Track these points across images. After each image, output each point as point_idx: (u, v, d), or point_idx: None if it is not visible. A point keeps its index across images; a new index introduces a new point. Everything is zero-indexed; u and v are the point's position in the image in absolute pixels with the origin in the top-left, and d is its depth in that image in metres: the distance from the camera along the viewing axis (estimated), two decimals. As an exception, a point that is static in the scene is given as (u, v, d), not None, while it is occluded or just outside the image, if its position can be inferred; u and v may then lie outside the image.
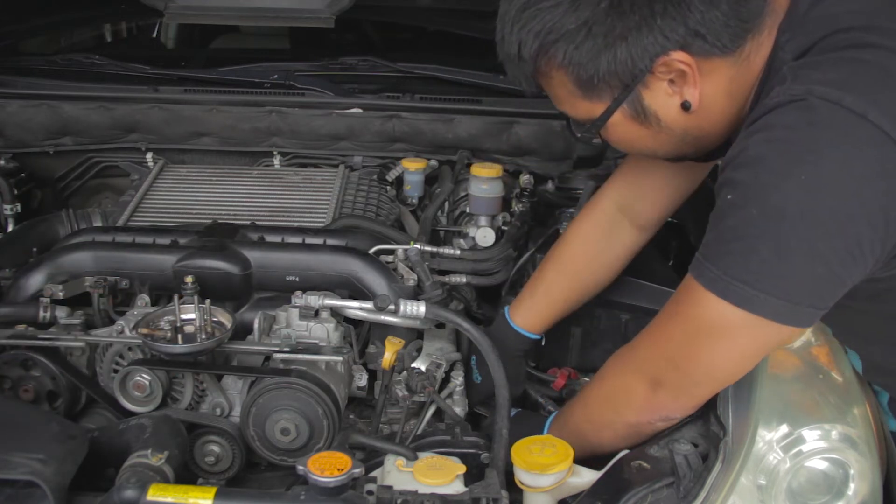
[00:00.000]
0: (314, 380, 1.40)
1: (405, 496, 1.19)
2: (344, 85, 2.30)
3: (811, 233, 1.03)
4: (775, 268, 1.05)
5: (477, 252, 1.82)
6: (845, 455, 1.18)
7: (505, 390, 1.41)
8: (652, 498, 1.18)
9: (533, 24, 1.16)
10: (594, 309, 1.67)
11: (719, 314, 1.10)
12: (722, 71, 1.17)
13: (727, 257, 1.08)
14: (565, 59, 1.16)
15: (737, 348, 1.15)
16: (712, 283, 1.09)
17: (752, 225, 1.05)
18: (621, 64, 1.14)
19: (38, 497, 1.11)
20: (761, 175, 1.05)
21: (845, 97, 1.02)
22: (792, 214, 1.03)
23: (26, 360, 1.45)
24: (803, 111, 1.04)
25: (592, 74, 1.16)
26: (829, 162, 1.02)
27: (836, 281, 1.07)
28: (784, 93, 1.07)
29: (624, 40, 1.12)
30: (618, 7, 1.11)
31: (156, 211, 1.95)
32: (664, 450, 1.23)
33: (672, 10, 1.11)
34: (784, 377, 1.26)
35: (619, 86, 1.17)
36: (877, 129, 1.01)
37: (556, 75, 1.20)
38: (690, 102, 1.17)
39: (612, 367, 1.33)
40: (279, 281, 1.63)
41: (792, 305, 1.07)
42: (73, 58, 2.43)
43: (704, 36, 1.12)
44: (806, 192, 1.02)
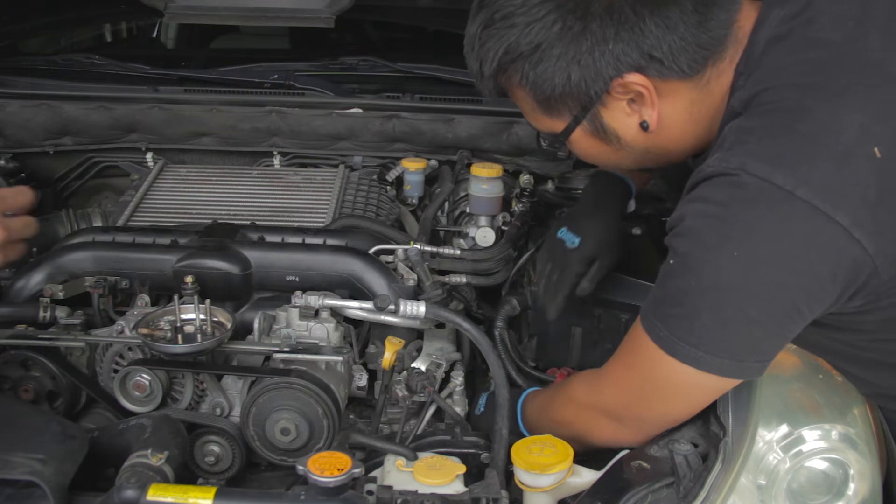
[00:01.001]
0: (314, 380, 1.40)
1: (405, 496, 1.19)
2: (344, 85, 2.30)
3: (745, 303, 1.08)
4: (716, 333, 1.11)
5: (477, 252, 1.82)
6: (845, 455, 1.18)
7: (505, 390, 1.41)
8: (652, 498, 1.18)
9: (492, 43, 1.20)
10: (594, 309, 1.67)
11: (670, 370, 1.15)
12: (681, 93, 1.19)
13: (673, 320, 1.13)
14: (523, 78, 1.20)
15: (690, 399, 1.21)
16: (662, 342, 1.14)
17: (691, 294, 1.10)
18: (576, 86, 1.18)
19: (38, 497, 1.11)
20: (697, 249, 1.10)
21: (775, 174, 1.04)
22: (725, 287, 1.08)
23: (26, 360, 1.46)
24: (735, 188, 1.07)
25: (550, 94, 1.20)
26: (758, 238, 1.06)
27: (776, 339, 1.13)
28: (719, 162, 1.09)
29: (577, 63, 1.16)
30: (570, 30, 1.14)
31: (156, 211, 1.94)
32: (664, 450, 1.23)
33: (625, 35, 1.13)
34: (784, 377, 1.26)
35: (576, 105, 1.21)
36: (806, 204, 1.03)
37: (517, 92, 1.25)
38: (648, 123, 1.20)
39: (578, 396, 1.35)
40: (279, 281, 1.63)
41: (737, 363, 1.12)
42: (73, 58, 2.43)
43: (660, 60, 1.15)
44: (737, 267, 1.06)
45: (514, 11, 1.17)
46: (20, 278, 1.62)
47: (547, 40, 1.16)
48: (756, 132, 1.10)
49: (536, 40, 1.16)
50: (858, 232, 1.04)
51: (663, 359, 1.15)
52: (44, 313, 1.52)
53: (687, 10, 1.14)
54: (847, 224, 1.04)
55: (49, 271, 1.62)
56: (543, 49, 1.16)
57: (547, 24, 1.15)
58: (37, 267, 1.63)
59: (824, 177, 1.05)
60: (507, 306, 1.75)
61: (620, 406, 1.26)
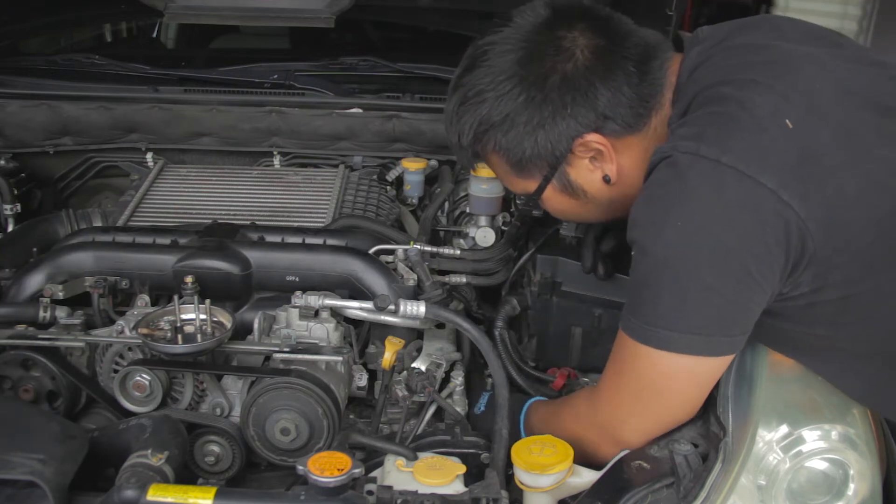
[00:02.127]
0: (314, 380, 1.40)
1: (405, 496, 1.19)
2: (344, 85, 2.30)
3: (698, 271, 1.14)
4: (679, 308, 1.17)
5: (477, 252, 1.82)
6: (845, 455, 1.18)
7: (505, 390, 1.41)
8: (652, 498, 1.18)
9: (467, 117, 1.36)
10: (594, 309, 1.67)
11: (651, 361, 1.20)
12: (635, 145, 1.33)
13: (641, 307, 1.21)
14: (496, 145, 1.36)
15: (678, 392, 1.24)
16: (635, 333, 1.21)
17: (650, 274, 1.18)
18: (543, 148, 1.33)
19: (38, 497, 1.11)
20: (646, 230, 1.19)
21: (700, 147, 1.15)
22: (677, 258, 1.15)
23: (26, 360, 1.46)
24: (670, 167, 1.18)
25: (521, 157, 1.35)
26: (695, 206, 1.15)
27: (737, 308, 1.17)
28: (657, 152, 1.22)
29: (542, 128, 1.31)
30: (533, 100, 1.30)
31: (156, 211, 1.94)
32: (664, 450, 1.24)
33: (581, 100, 1.28)
34: (784, 377, 1.26)
35: (545, 165, 1.36)
36: (732, 169, 1.13)
37: (493, 158, 1.41)
38: (610, 176, 1.35)
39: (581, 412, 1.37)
40: (279, 281, 1.63)
41: (705, 338, 1.17)
42: (73, 58, 2.43)
43: (613, 118, 1.30)
44: (682, 235, 1.15)
45: (484, 88, 1.33)
46: (20, 278, 1.62)
47: (514, 110, 1.31)
48: (685, 123, 1.23)
49: (505, 111, 1.32)
50: (786, 194, 1.12)
51: (641, 351, 1.21)
52: (44, 313, 1.52)
53: (629, 71, 1.29)
54: (773, 186, 1.12)
55: (49, 271, 1.62)
56: (512, 118, 1.32)
57: (513, 96, 1.31)
58: (37, 267, 1.63)
59: (745, 145, 1.15)
60: (507, 306, 1.75)
61: (618, 423, 1.29)
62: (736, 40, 1.32)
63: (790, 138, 1.16)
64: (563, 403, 1.46)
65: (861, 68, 1.27)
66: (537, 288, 1.71)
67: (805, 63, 1.25)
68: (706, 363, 1.20)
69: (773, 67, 1.24)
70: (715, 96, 1.22)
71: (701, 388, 1.24)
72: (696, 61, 1.30)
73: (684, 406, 1.26)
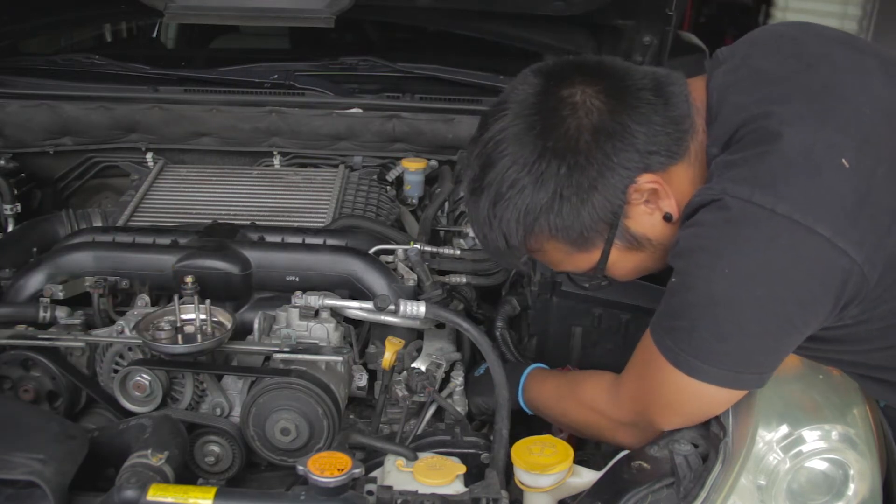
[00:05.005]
0: (314, 380, 1.40)
1: (405, 496, 1.19)
2: (344, 85, 2.30)
3: (739, 317, 1.13)
4: (714, 346, 1.16)
5: (477, 252, 1.82)
6: (845, 455, 1.18)
7: (505, 390, 1.41)
8: (652, 498, 1.18)
9: (509, 213, 1.24)
10: (594, 309, 1.67)
11: (675, 380, 1.19)
12: (682, 175, 1.25)
13: (676, 333, 1.19)
14: (551, 229, 1.24)
15: (698, 409, 1.24)
16: (667, 352, 1.19)
17: (690, 309, 1.17)
18: (601, 209, 1.23)
19: (38, 497, 1.11)
20: (691, 267, 1.16)
21: (754, 194, 1.11)
22: (719, 302, 1.13)
23: (26, 360, 1.46)
24: (720, 210, 1.14)
25: (580, 230, 1.25)
26: (745, 255, 1.12)
27: (773, 352, 1.17)
28: (704, 192, 1.18)
29: (594, 189, 1.21)
30: (576, 166, 1.20)
31: (156, 211, 1.95)
32: (664, 450, 1.24)
33: (620, 144, 1.20)
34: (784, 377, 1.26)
35: (605, 228, 1.26)
36: (786, 219, 1.09)
37: (549, 246, 1.28)
38: (671, 213, 1.26)
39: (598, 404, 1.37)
40: (279, 281, 1.63)
41: (735, 374, 1.17)
42: (73, 58, 2.43)
43: (657, 152, 1.22)
44: (728, 283, 1.12)
45: (517, 178, 1.22)
46: (20, 278, 1.62)
47: (559, 184, 1.21)
48: (734, 162, 1.17)
49: (552, 189, 1.21)
50: (842, 242, 1.09)
51: (668, 369, 1.19)
52: (44, 313, 1.52)
53: (651, 101, 1.22)
54: (829, 235, 1.09)
55: (49, 271, 1.62)
56: (559, 194, 1.22)
57: (552, 171, 1.20)
58: (37, 267, 1.63)
59: (800, 192, 1.11)
60: (507, 306, 1.75)
61: (638, 415, 1.29)
62: (773, 57, 1.27)
63: (847, 179, 1.11)
64: (579, 384, 1.44)
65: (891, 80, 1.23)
66: (537, 288, 1.71)
67: (847, 87, 1.20)
68: (730, 394, 1.20)
69: (823, 96, 1.19)
70: (764, 134, 1.16)
71: (717, 411, 1.25)
72: (723, 82, 1.25)
73: (701, 418, 1.26)
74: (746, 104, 1.21)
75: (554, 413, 1.47)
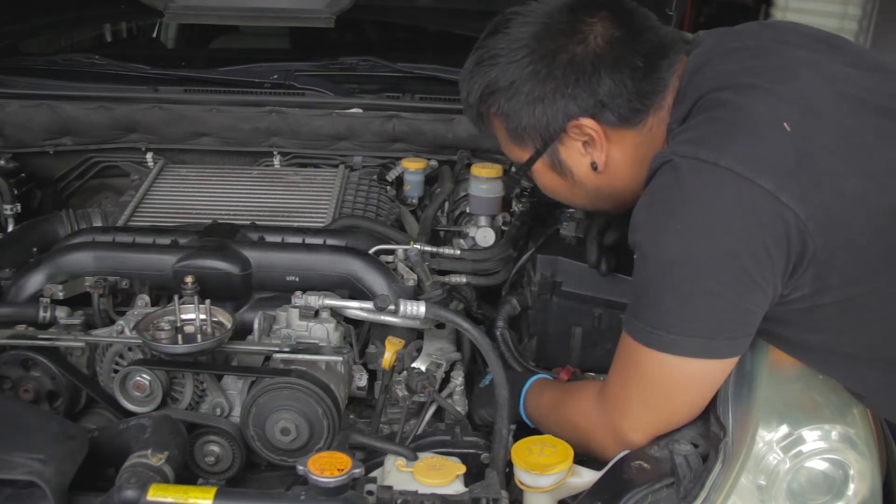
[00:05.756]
0: (314, 380, 1.40)
1: (405, 496, 1.19)
2: (344, 85, 2.29)
3: (698, 274, 1.16)
4: (680, 311, 1.18)
5: (477, 252, 1.82)
6: (845, 455, 1.18)
7: (505, 390, 1.41)
8: (652, 498, 1.18)
9: (479, 77, 1.40)
10: (594, 309, 1.67)
11: (654, 363, 1.21)
12: (628, 140, 1.35)
13: (643, 311, 1.22)
14: (499, 109, 1.39)
15: (683, 394, 1.25)
16: (638, 335, 1.22)
17: (652, 278, 1.20)
18: (539, 121, 1.35)
19: (38, 497, 1.11)
20: (648, 234, 1.21)
21: (699, 151, 1.17)
22: (677, 262, 1.17)
23: (26, 360, 1.46)
24: (670, 170, 1.20)
25: (517, 125, 1.38)
26: (696, 209, 1.16)
27: (739, 311, 1.18)
28: (657, 157, 1.24)
29: (541, 101, 1.34)
30: (538, 73, 1.33)
31: (156, 211, 1.95)
32: (664, 450, 1.24)
33: (583, 83, 1.31)
34: (784, 377, 1.26)
35: (539, 139, 1.38)
36: (728, 171, 1.14)
37: (495, 122, 1.43)
38: (597, 164, 1.37)
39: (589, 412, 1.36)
40: (279, 281, 1.63)
41: (707, 341, 1.18)
42: (73, 58, 2.43)
43: (611, 108, 1.31)
44: (683, 240, 1.16)
45: (498, 53, 1.37)
46: (20, 278, 1.62)
47: (520, 79, 1.34)
48: (685, 129, 1.26)
49: (511, 77, 1.35)
50: (785, 195, 1.13)
51: (645, 354, 1.22)
52: (44, 313, 1.52)
53: (636, 66, 1.31)
54: (771, 188, 1.13)
55: (49, 271, 1.62)
56: (516, 86, 1.35)
57: (522, 65, 1.34)
58: (37, 267, 1.63)
59: (742, 148, 1.16)
60: (507, 306, 1.75)
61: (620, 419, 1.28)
62: (734, 44, 1.35)
63: (788, 141, 1.17)
64: (569, 395, 1.45)
65: (859, 72, 1.28)
66: (537, 288, 1.71)
67: (804, 68, 1.27)
68: (709, 366, 1.21)
69: (772, 72, 1.26)
70: (715, 101, 1.24)
71: (705, 391, 1.25)
72: (695, 64, 1.32)
73: (691, 408, 1.26)
74: (707, 81, 1.28)
75: (549, 425, 1.46)
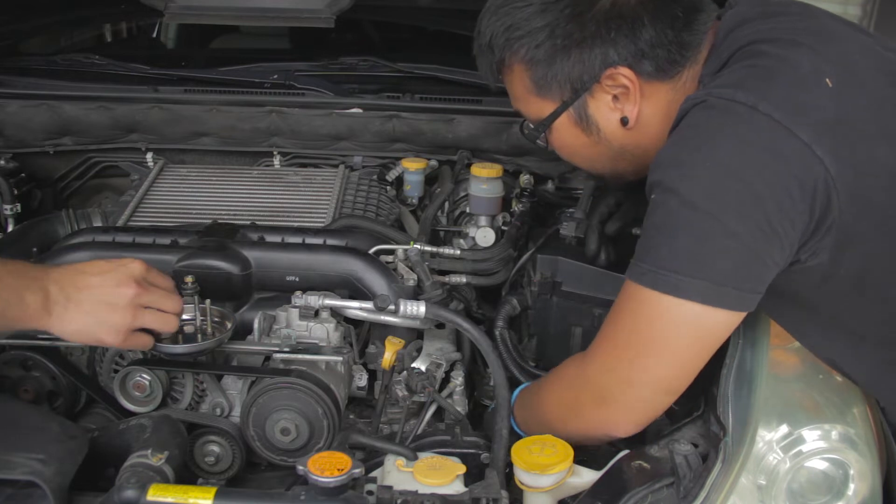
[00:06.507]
0: (314, 380, 1.40)
1: (405, 496, 1.19)
2: (344, 85, 2.29)
3: (721, 213, 1.11)
4: (695, 251, 1.13)
5: (477, 252, 1.82)
6: (845, 455, 1.18)
7: (505, 390, 1.41)
8: (652, 498, 1.18)
9: (505, 19, 1.31)
10: (594, 309, 1.67)
11: (654, 308, 1.16)
12: (661, 94, 1.30)
13: (654, 251, 1.16)
14: (526, 54, 1.30)
15: (678, 343, 1.18)
16: (642, 277, 1.17)
17: (672, 215, 1.14)
18: (573, 68, 1.28)
19: (38, 497, 1.11)
20: (672, 169, 1.15)
21: (737, 93, 1.14)
22: (702, 198, 1.12)
23: (26, 360, 1.46)
24: (703, 109, 1.16)
25: (546, 73, 1.30)
26: (727, 147, 1.12)
27: (754, 259, 1.13)
28: (688, 100, 1.20)
29: (578, 46, 1.27)
30: (578, 16, 1.26)
31: (156, 211, 1.94)
32: (664, 450, 1.24)
33: (625, 29, 1.25)
34: (784, 377, 1.26)
35: (568, 89, 1.31)
36: (767, 117, 1.11)
37: (517, 70, 1.34)
38: (628, 119, 1.30)
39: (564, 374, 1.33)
40: (279, 281, 1.63)
41: (717, 286, 1.12)
42: (73, 58, 2.43)
43: (650, 58, 1.26)
44: (711, 176, 1.12)
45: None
46: (20, 278, 1.62)
47: (556, 20, 1.26)
48: (721, 75, 1.21)
49: (547, 19, 1.27)
50: (819, 149, 1.10)
51: (645, 296, 1.16)
52: (44, 313, 1.52)
53: (677, 16, 1.27)
54: (807, 139, 1.10)
55: (49, 271, 1.62)
56: (551, 28, 1.27)
57: (560, 6, 1.26)
58: (37, 267, 1.63)
59: (783, 95, 1.13)
60: (507, 306, 1.75)
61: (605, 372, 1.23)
62: (770, 9, 1.31)
63: (829, 97, 1.15)
64: (546, 379, 1.40)
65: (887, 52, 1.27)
66: (537, 288, 1.71)
67: (843, 37, 1.25)
68: (713, 316, 1.14)
69: (812, 34, 1.23)
70: (755, 51, 1.20)
71: (702, 345, 1.18)
72: (731, 23, 1.28)
73: (683, 364, 1.19)
74: (744, 36, 1.24)
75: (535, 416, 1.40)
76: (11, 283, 1.18)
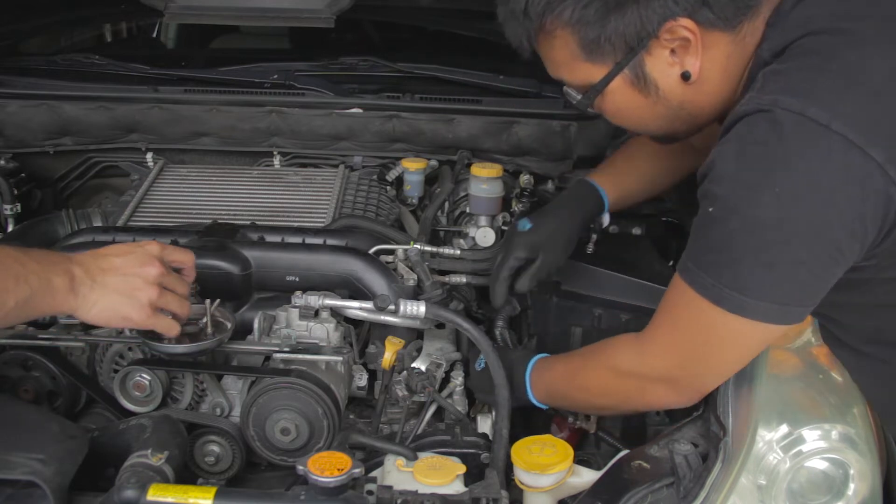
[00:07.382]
0: (314, 380, 1.40)
1: (405, 496, 1.19)
2: (344, 85, 2.30)
3: (791, 242, 1.08)
4: (761, 276, 1.10)
5: (477, 252, 1.82)
6: (845, 455, 1.18)
7: (505, 390, 1.41)
8: (652, 498, 1.18)
9: None
10: (594, 309, 1.67)
11: (716, 320, 1.15)
12: (721, 47, 1.19)
13: (717, 268, 1.13)
14: (573, 16, 1.17)
15: (737, 349, 1.20)
16: (706, 291, 1.14)
17: (735, 237, 1.10)
18: (629, 25, 1.15)
19: (38, 497, 1.11)
20: (737, 189, 1.10)
21: (808, 107, 1.05)
22: (770, 226, 1.07)
23: (26, 360, 1.46)
24: (770, 124, 1.08)
25: (598, 34, 1.17)
26: (799, 173, 1.06)
27: (820, 282, 1.13)
28: (752, 101, 1.11)
29: (635, 1, 1.14)
30: None
31: (156, 211, 1.94)
32: (664, 450, 1.24)
33: None
34: (784, 377, 1.26)
35: (623, 49, 1.18)
36: (841, 137, 1.04)
37: (561, 35, 1.20)
38: (691, 73, 1.19)
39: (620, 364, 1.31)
40: (279, 281, 1.63)
41: (781, 307, 1.12)
42: (73, 58, 2.43)
43: (711, 6, 1.14)
44: (780, 204, 1.06)
45: None
46: (20, 278, 1.62)
47: None
48: (788, 72, 1.11)
49: None
50: (893, 170, 1.05)
51: (709, 310, 1.14)
52: (44, 313, 1.52)
53: None
54: (881, 160, 1.04)
55: (49, 271, 1.62)
56: None
57: None
58: (37, 267, 1.63)
59: (857, 111, 1.06)
60: (507, 306, 1.75)
61: (674, 367, 1.24)
62: None
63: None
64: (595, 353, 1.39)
65: None
66: (537, 288, 1.71)
67: None
68: (774, 330, 1.15)
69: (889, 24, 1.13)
70: (825, 48, 1.11)
71: (759, 350, 1.21)
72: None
73: (740, 362, 1.22)
74: (815, 16, 1.14)
75: (570, 392, 1.40)
76: (37, 268, 1.18)
